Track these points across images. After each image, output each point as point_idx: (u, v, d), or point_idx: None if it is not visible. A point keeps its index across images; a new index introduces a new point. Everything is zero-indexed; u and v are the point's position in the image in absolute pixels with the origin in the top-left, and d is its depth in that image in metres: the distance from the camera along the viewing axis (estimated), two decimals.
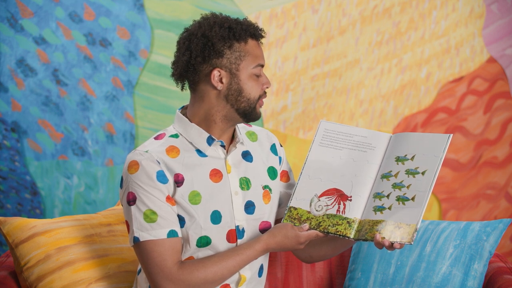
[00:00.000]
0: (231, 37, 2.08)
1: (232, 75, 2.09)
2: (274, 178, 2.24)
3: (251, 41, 2.10)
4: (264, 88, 2.13)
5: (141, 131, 3.48)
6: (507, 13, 3.53)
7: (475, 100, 3.56)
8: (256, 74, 2.10)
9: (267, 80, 2.13)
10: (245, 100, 2.10)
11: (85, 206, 3.48)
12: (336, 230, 2.06)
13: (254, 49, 2.10)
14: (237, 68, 2.09)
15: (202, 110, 2.13)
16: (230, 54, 2.08)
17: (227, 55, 2.08)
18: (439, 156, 2.05)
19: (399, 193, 2.04)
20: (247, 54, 2.09)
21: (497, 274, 2.43)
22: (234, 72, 2.09)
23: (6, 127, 3.43)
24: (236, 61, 2.08)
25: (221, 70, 2.09)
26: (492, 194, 3.60)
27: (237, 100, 2.10)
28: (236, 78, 2.09)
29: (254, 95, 2.11)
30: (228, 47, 2.08)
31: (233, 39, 2.08)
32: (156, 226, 2.06)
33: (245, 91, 2.10)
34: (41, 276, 2.32)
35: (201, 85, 2.11)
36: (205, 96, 2.12)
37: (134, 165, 2.07)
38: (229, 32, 2.08)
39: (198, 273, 2.06)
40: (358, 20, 3.50)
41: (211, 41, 2.07)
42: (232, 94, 2.10)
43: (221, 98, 2.11)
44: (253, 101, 2.11)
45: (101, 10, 3.42)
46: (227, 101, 2.10)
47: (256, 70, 2.10)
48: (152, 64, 3.46)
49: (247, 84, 2.10)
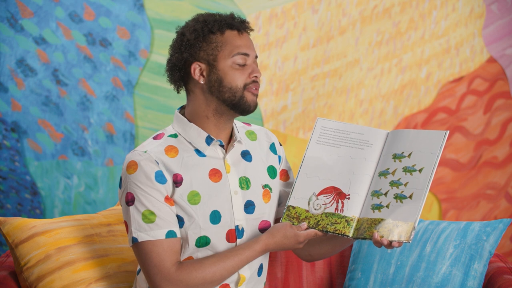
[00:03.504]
0: (205, 30, 2.09)
1: (210, 66, 2.09)
2: (274, 177, 2.24)
3: (229, 32, 2.10)
4: (252, 77, 2.11)
5: (141, 131, 3.48)
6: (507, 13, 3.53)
7: (475, 100, 3.56)
8: (238, 63, 2.09)
9: (254, 69, 2.11)
10: (227, 90, 2.09)
11: (85, 206, 3.49)
12: (334, 228, 2.06)
13: (233, 39, 2.10)
14: (215, 58, 2.09)
15: (194, 107, 2.14)
16: (206, 46, 2.09)
17: (203, 48, 2.09)
18: (436, 153, 2.04)
19: (396, 191, 2.04)
20: (224, 44, 2.09)
21: (497, 274, 2.43)
22: (212, 63, 2.09)
23: (6, 127, 3.43)
24: (213, 52, 2.09)
25: (199, 63, 2.10)
26: (492, 194, 3.60)
27: (220, 91, 2.10)
28: (214, 69, 2.09)
29: (237, 84, 2.09)
30: (203, 39, 2.09)
31: (208, 32, 2.09)
32: (155, 227, 2.06)
33: (225, 80, 2.09)
34: (41, 276, 2.32)
35: (190, 83, 2.13)
36: (194, 92, 2.13)
37: (132, 165, 2.07)
38: (203, 25, 2.09)
39: (197, 274, 2.06)
40: (358, 20, 3.50)
41: (186, 36, 2.10)
42: (214, 86, 2.10)
43: (206, 91, 2.11)
44: (237, 90, 2.09)
45: (101, 10, 3.42)
46: (212, 93, 2.11)
47: (237, 59, 2.09)
48: (152, 64, 3.46)
49: (228, 74, 2.09)
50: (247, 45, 2.11)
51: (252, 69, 2.11)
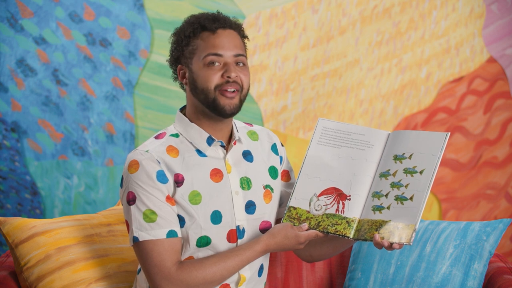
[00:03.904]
0: (187, 35, 2.12)
1: (188, 69, 2.12)
2: (275, 178, 2.24)
3: (204, 33, 2.11)
4: (224, 76, 2.09)
5: (141, 131, 3.48)
6: (507, 13, 3.53)
7: (475, 100, 3.56)
8: (206, 63, 2.08)
9: (228, 69, 2.08)
10: (200, 92, 2.10)
11: (85, 206, 3.49)
12: (335, 229, 2.06)
13: (206, 40, 2.10)
14: (191, 62, 2.11)
15: (189, 108, 2.17)
16: (186, 50, 2.12)
17: (185, 52, 2.12)
18: (437, 155, 2.04)
19: (397, 193, 2.04)
20: (198, 46, 2.10)
21: (497, 274, 2.43)
22: (189, 66, 2.12)
23: (6, 127, 3.43)
24: (190, 55, 2.11)
25: (182, 66, 2.13)
26: (492, 194, 3.60)
27: (196, 92, 2.11)
28: (190, 71, 2.12)
29: (208, 85, 2.08)
30: (185, 44, 2.12)
31: (186, 36, 2.12)
32: (156, 226, 2.06)
33: (198, 82, 2.10)
34: (41, 276, 2.32)
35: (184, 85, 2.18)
36: (187, 94, 2.17)
37: (134, 165, 2.08)
38: (181, 30, 2.13)
39: (197, 273, 2.06)
40: (358, 20, 3.50)
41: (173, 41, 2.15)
42: (191, 88, 2.12)
43: (190, 93, 2.14)
44: (208, 91, 2.08)
45: (101, 10, 3.42)
46: (194, 96, 2.13)
47: (206, 59, 2.09)
48: (152, 64, 3.46)
49: (199, 75, 2.09)
50: (221, 45, 2.09)
51: (225, 69, 2.09)
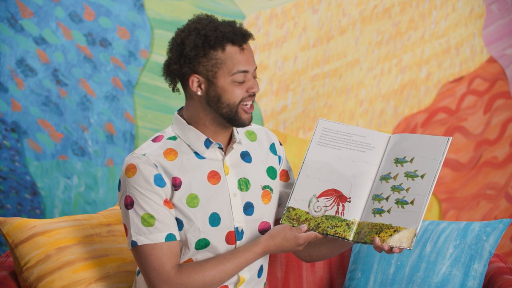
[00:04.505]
0: (206, 46, 2.05)
1: (209, 82, 2.07)
2: (274, 178, 2.23)
3: (230, 48, 2.06)
4: (249, 91, 2.09)
5: (141, 131, 3.48)
6: (507, 13, 3.53)
7: (475, 100, 3.56)
8: (237, 80, 2.07)
9: (252, 85, 2.09)
10: (225, 106, 2.08)
11: (85, 206, 3.49)
12: (335, 232, 2.06)
13: (233, 56, 2.06)
14: (214, 75, 2.06)
15: (192, 113, 2.13)
16: (206, 62, 2.06)
17: (203, 63, 2.06)
18: (439, 159, 2.03)
19: (398, 196, 2.03)
20: (224, 61, 2.06)
21: (497, 274, 2.43)
22: (211, 79, 2.07)
23: (6, 127, 3.43)
24: (212, 68, 2.06)
25: (199, 76, 2.07)
26: (492, 194, 3.60)
27: (218, 106, 2.08)
28: (213, 86, 2.07)
29: (235, 100, 2.08)
30: (203, 55, 2.05)
31: (208, 47, 2.05)
32: (154, 230, 2.05)
33: (224, 97, 2.07)
34: (41, 276, 2.32)
35: (188, 90, 2.12)
36: (192, 99, 2.12)
37: (131, 169, 2.07)
38: (204, 40, 2.05)
39: (196, 276, 2.06)
40: (358, 20, 3.50)
41: (186, 49, 2.06)
42: (212, 100, 2.08)
43: (203, 103, 2.10)
44: (234, 105, 2.08)
45: (101, 10, 3.42)
46: (210, 106, 2.09)
47: (237, 77, 2.07)
48: (152, 64, 3.46)
49: (227, 91, 2.07)
50: (247, 61, 2.08)
51: (250, 85, 2.09)
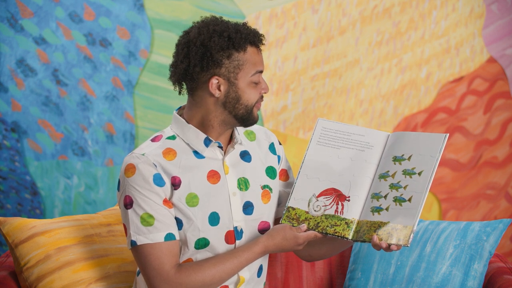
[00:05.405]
0: (230, 47, 2.07)
1: (230, 83, 2.08)
2: (273, 178, 2.23)
3: (250, 49, 2.09)
4: (261, 92, 2.12)
5: (141, 131, 3.48)
6: (507, 13, 3.53)
7: (475, 100, 3.56)
8: (255, 81, 2.10)
9: (266, 86, 2.13)
10: (243, 107, 2.10)
11: (85, 206, 3.49)
12: (334, 231, 2.06)
13: (253, 57, 2.10)
14: (236, 77, 2.08)
15: (199, 115, 2.13)
16: (228, 63, 2.07)
17: (226, 65, 2.07)
18: (435, 156, 2.04)
19: (396, 194, 2.04)
20: (245, 62, 2.08)
21: (497, 274, 2.43)
22: (233, 80, 2.08)
23: (6, 127, 3.43)
24: (234, 70, 2.08)
25: (219, 78, 2.08)
26: (492, 194, 3.60)
27: (235, 107, 2.10)
28: (234, 87, 2.09)
29: (252, 101, 2.11)
30: (227, 56, 2.07)
31: (232, 49, 2.07)
32: (153, 230, 2.05)
33: (243, 98, 2.10)
34: (41, 276, 2.32)
35: (199, 91, 2.11)
36: (203, 102, 2.12)
37: (130, 169, 2.07)
38: (228, 42, 2.07)
39: (196, 276, 2.06)
40: (358, 20, 3.50)
41: (210, 51, 2.06)
42: (230, 102, 2.10)
43: (218, 104, 2.10)
44: (250, 107, 2.11)
45: (101, 10, 3.42)
46: (225, 107, 2.10)
47: (254, 78, 2.10)
48: (152, 64, 3.46)
49: (246, 92, 2.10)
50: (262, 62, 2.12)
51: (264, 86, 2.13)
